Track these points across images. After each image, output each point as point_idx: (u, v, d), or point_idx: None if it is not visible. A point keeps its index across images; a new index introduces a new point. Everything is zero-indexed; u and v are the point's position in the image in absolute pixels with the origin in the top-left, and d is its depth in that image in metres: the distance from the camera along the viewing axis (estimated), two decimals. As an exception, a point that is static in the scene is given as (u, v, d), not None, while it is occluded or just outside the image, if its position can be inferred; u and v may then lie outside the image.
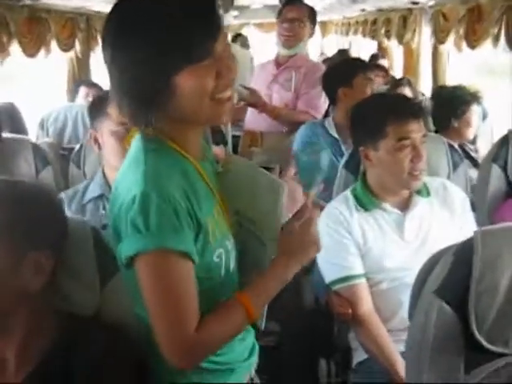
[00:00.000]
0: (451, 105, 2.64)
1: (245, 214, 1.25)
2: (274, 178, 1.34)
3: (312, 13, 3.04)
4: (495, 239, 0.98)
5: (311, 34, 3.06)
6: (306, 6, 3.07)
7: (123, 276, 1.13)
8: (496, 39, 2.87)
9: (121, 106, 1.06)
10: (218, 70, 1.03)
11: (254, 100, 2.85)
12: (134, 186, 1.01)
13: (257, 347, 1.33)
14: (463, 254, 0.99)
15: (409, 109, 1.72)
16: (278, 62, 3.00)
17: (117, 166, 1.59)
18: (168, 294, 1.03)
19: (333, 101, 2.65)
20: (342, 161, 2.06)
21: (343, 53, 6.81)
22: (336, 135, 2.53)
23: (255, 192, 1.27)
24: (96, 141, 1.70)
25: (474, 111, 2.69)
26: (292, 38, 2.93)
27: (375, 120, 1.71)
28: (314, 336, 2.01)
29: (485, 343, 0.98)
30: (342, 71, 2.62)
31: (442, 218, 1.75)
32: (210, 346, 1.08)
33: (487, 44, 2.95)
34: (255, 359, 1.32)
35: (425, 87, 4.28)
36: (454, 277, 0.99)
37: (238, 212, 1.24)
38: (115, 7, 1.05)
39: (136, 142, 1.11)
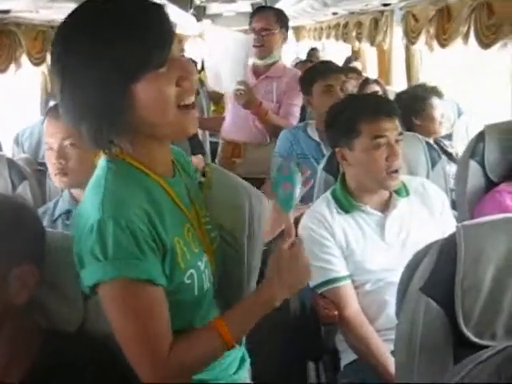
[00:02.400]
0: (409, 103, 2.66)
1: (226, 227, 1.22)
2: (254, 190, 1.30)
3: (281, 18, 2.97)
4: (477, 233, 0.99)
5: (284, 40, 3.00)
6: (274, 11, 3.01)
7: None
8: (466, 38, 2.91)
9: (79, 130, 1.00)
10: (178, 75, 1.00)
11: (249, 98, 2.69)
12: (92, 214, 0.98)
13: (247, 359, 1.31)
14: (447, 249, 0.99)
15: (382, 107, 1.73)
16: (256, 72, 2.95)
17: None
18: (133, 321, 1.00)
19: (309, 105, 2.67)
20: (321, 163, 2.06)
21: (313, 52, 6.91)
22: (317, 138, 2.54)
23: (235, 204, 1.24)
24: None
25: (435, 106, 2.69)
26: (263, 48, 2.89)
27: (348, 119, 1.71)
28: (301, 339, 2.00)
29: (472, 337, 0.99)
30: (304, 79, 2.67)
31: (422, 218, 1.76)
32: (184, 370, 1.05)
33: (458, 43, 2.99)
34: (245, 372, 1.29)
35: (399, 88, 4.32)
36: (439, 273, 0.99)
37: (220, 226, 1.22)
38: (65, 19, 0.99)
39: (101, 160, 1.07)
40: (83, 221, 1.00)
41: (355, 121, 1.69)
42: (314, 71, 2.67)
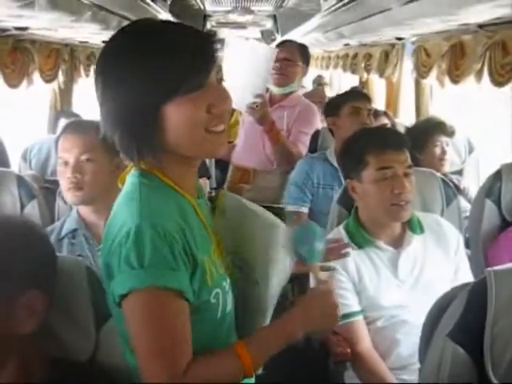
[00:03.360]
0: (414, 137, 2.64)
1: (239, 255, 1.21)
2: (271, 217, 1.29)
3: (305, 52, 3.01)
4: (509, 278, 0.96)
5: (304, 73, 3.03)
6: (299, 45, 3.04)
7: (114, 316, 1.07)
8: (479, 75, 2.92)
9: (114, 139, 1.03)
10: (210, 102, 1.01)
11: (263, 113, 2.62)
12: (128, 221, 0.97)
13: None
14: (477, 294, 0.97)
15: (389, 139, 1.74)
16: (271, 100, 2.92)
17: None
18: (157, 332, 0.97)
19: (331, 132, 2.65)
20: (336, 196, 2.04)
21: (319, 78, 6.96)
22: (336, 164, 2.53)
23: (249, 232, 1.22)
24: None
25: (437, 142, 2.67)
26: (283, 76, 2.89)
27: (357, 151, 1.73)
28: (307, 373, 1.97)
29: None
30: (332, 102, 2.68)
31: (436, 256, 1.73)
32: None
33: (471, 80, 2.99)
34: None
35: (407, 121, 4.33)
36: (468, 318, 0.96)
37: (233, 252, 1.20)
38: (111, 37, 1.04)
39: (130, 177, 1.07)
40: (114, 231, 0.98)
41: (363, 152, 1.70)
42: (344, 94, 2.72)
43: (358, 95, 2.68)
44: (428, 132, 2.70)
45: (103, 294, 1.08)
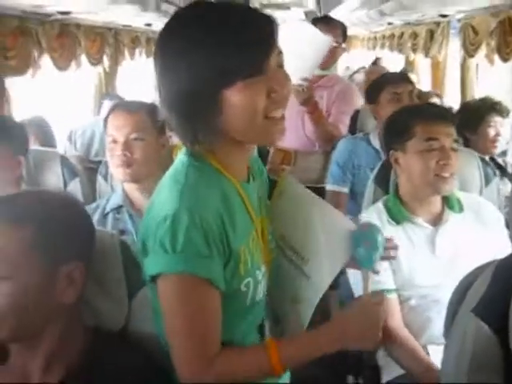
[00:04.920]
0: (465, 118, 2.57)
1: (289, 241, 1.20)
2: (328, 207, 1.25)
3: (344, 30, 2.99)
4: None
5: (343, 51, 3.01)
6: (340, 25, 3.01)
7: (148, 289, 1.10)
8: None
9: (169, 120, 1.03)
10: (270, 87, 0.99)
11: (309, 96, 2.64)
12: (167, 204, 0.99)
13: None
14: (502, 271, 0.95)
15: (437, 111, 1.74)
16: (310, 80, 2.94)
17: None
18: (188, 318, 1.00)
19: (375, 113, 2.62)
20: (372, 174, 2.03)
21: (378, 60, 6.75)
22: (378, 147, 2.50)
23: (303, 217, 1.20)
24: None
25: (493, 123, 2.60)
26: (328, 59, 2.82)
27: (404, 121, 1.72)
28: (341, 353, 1.97)
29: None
30: (371, 88, 2.63)
31: (475, 235, 1.70)
32: (223, 378, 1.03)
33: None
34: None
35: (452, 101, 4.22)
36: (493, 295, 0.95)
37: (283, 237, 1.20)
38: (170, 19, 1.02)
39: (181, 155, 1.08)
40: (156, 209, 1.01)
41: (410, 123, 1.70)
42: (384, 79, 2.64)
43: (397, 79, 2.60)
44: (482, 112, 2.63)
45: (136, 266, 1.11)
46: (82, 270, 1.05)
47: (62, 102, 4.30)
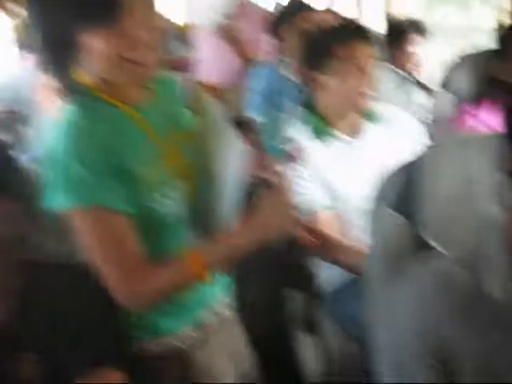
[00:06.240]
0: (388, 36, 2.71)
1: (207, 155, 1.24)
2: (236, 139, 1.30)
3: None
4: (439, 152, 1.02)
5: None
6: None
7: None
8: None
9: (42, 61, 1.10)
10: (123, 29, 1.03)
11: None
12: (57, 146, 1.06)
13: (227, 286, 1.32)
14: (411, 169, 1.03)
15: (357, 32, 1.76)
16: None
17: None
18: (101, 250, 1.07)
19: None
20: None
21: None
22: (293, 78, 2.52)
23: (217, 133, 1.25)
24: None
25: (412, 40, 2.75)
26: None
27: (323, 41, 1.74)
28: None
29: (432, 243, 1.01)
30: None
31: (394, 145, 1.77)
32: (149, 288, 1.09)
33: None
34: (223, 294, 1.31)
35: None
36: (405, 189, 1.03)
37: (204, 153, 1.23)
38: None
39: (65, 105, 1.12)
40: (47, 155, 1.08)
41: (330, 43, 1.71)
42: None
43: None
44: (403, 31, 2.76)
45: None
46: (17, 207, 1.07)
47: None
